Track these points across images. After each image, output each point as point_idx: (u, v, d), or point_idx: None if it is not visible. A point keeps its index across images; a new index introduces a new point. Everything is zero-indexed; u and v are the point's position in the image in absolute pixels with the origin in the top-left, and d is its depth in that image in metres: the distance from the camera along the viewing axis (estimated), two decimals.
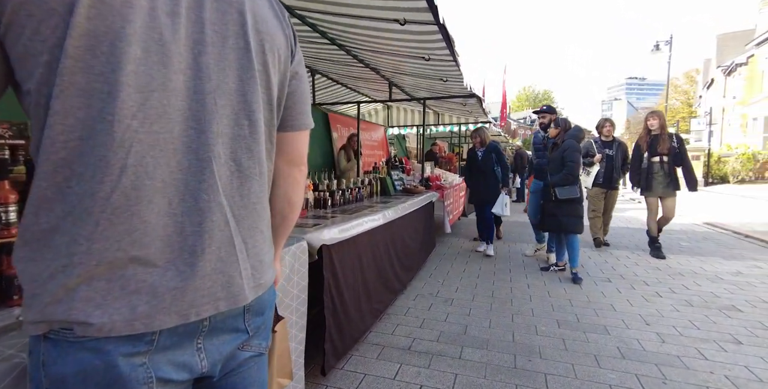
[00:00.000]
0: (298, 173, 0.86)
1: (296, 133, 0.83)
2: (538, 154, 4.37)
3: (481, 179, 4.68)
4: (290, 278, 1.50)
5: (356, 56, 3.66)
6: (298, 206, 0.90)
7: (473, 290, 3.45)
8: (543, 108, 4.22)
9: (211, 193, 0.61)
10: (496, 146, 4.67)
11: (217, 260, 0.62)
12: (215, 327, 0.65)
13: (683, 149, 4.45)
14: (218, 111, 0.63)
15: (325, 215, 2.46)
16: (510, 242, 5.50)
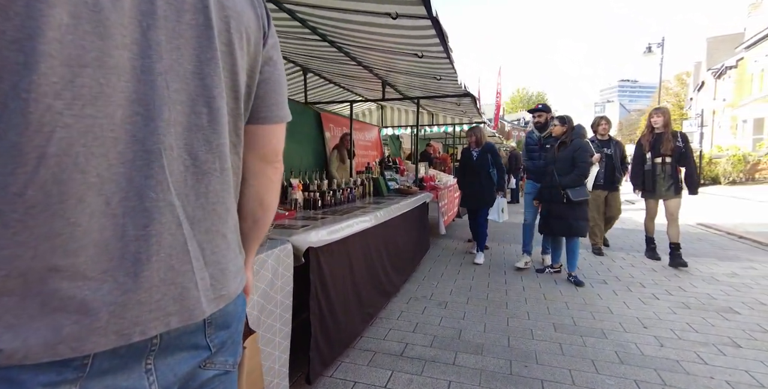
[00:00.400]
0: (271, 171, 0.77)
1: (269, 126, 0.74)
2: (532, 155, 4.14)
3: (475, 182, 4.40)
4: (273, 283, 1.41)
5: (348, 54, 3.58)
6: (272, 208, 0.81)
7: (468, 293, 3.38)
8: (539, 107, 4.05)
9: (160, 191, 0.52)
10: (492, 147, 4.40)
11: (167, 269, 0.53)
12: (169, 345, 0.56)
13: (689, 149, 4.16)
14: (171, 96, 0.54)
15: (314, 216, 2.37)
16: (505, 243, 5.45)
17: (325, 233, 1.87)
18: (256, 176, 0.76)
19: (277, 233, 1.68)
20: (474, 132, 4.44)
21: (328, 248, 1.92)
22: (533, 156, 4.12)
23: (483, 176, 4.33)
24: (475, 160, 4.37)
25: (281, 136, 0.78)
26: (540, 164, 3.95)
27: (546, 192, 3.71)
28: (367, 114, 7.91)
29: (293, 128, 4.84)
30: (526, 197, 4.16)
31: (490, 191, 4.37)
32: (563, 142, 3.61)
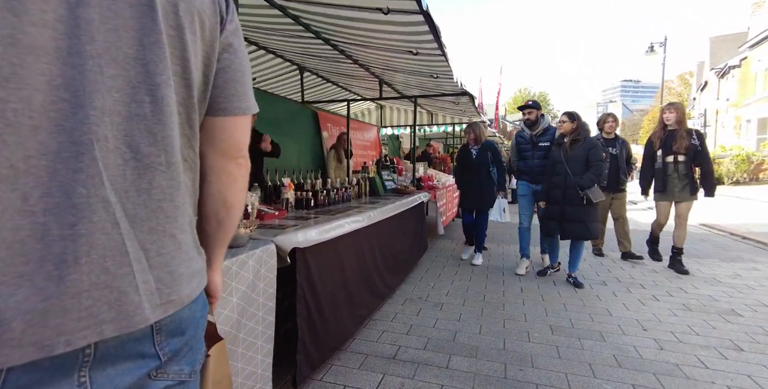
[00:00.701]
0: (234, 167, 0.72)
1: (230, 118, 0.70)
2: (524, 155, 3.91)
3: (474, 180, 4.17)
4: (255, 285, 1.37)
5: (344, 51, 3.54)
6: (237, 208, 0.76)
7: (464, 294, 3.32)
8: (529, 103, 3.84)
9: (91, 186, 0.47)
10: (492, 144, 4.16)
11: (100, 272, 0.48)
12: (108, 355, 0.51)
13: (705, 148, 3.81)
14: (106, 82, 0.49)
15: (305, 216, 2.32)
16: (504, 244, 5.38)
17: (313, 233, 1.82)
18: (217, 172, 0.72)
19: (262, 233, 1.63)
20: (473, 129, 4.20)
21: (316, 249, 1.87)
22: (526, 156, 3.91)
23: (483, 175, 4.13)
24: (474, 158, 4.16)
25: (245, 129, 0.73)
26: (534, 163, 3.80)
27: (557, 194, 3.44)
28: (366, 114, 7.87)
29: (290, 127, 4.80)
30: (520, 200, 3.97)
31: (490, 190, 4.16)
32: (576, 140, 3.38)
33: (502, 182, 4.16)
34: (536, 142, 3.79)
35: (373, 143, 7.51)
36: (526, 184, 3.92)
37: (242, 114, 0.71)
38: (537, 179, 3.80)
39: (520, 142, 3.94)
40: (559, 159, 3.44)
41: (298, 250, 1.70)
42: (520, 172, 3.98)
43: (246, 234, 1.37)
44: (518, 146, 3.95)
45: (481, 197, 4.17)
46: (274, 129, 4.44)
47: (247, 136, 0.75)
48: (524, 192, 3.95)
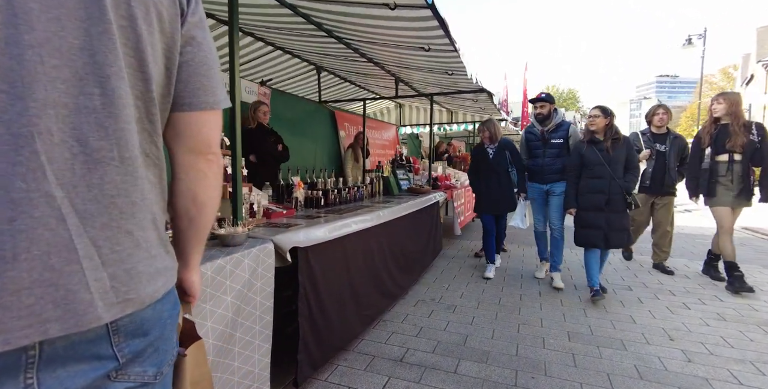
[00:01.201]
0: (204, 163, 0.70)
1: (196, 113, 0.68)
2: (535, 152, 3.55)
3: (493, 183, 3.78)
4: (252, 284, 1.36)
5: (357, 50, 3.52)
6: (210, 206, 0.74)
7: (479, 297, 3.23)
8: (541, 96, 3.45)
9: (32, 180, 0.46)
10: (510, 143, 3.81)
11: (43, 268, 0.47)
12: (57, 356, 0.50)
13: (766, 144, 3.21)
14: (48, 73, 0.47)
15: (313, 215, 2.31)
16: (524, 246, 5.22)
17: (316, 232, 1.81)
18: (186, 169, 0.70)
19: (263, 232, 1.63)
20: (486, 127, 3.83)
21: (319, 248, 1.85)
22: (536, 153, 3.54)
23: (502, 176, 3.77)
24: (492, 158, 3.80)
25: (214, 125, 0.71)
26: (545, 162, 3.47)
27: (598, 200, 2.99)
28: (385, 113, 7.84)
29: (306, 126, 4.83)
30: (532, 204, 3.68)
31: (511, 193, 3.79)
32: (616, 139, 3.01)
33: (523, 183, 3.75)
34: (548, 138, 3.45)
35: (392, 142, 7.47)
36: (537, 185, 3.61)
37: (209, 109, 0.69)
38: (547, 179, 3.51)
39: (530, 138, 3.60)
40: (597, 161, 3.01)
41: (300, 249, 1.69)
42: (529, 171, 3.66)
43: (243, 233, 1.37)
44: (528, 143, 3.61)
45: (503, 201, 3.83)
46: (290, 129, 4.49)
47: (217, 132, 0.73)
48: (534, 195, 3.64)
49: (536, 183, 3.61)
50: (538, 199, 3.63)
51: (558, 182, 3.47)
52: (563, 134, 3.44)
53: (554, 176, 3.49)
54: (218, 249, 1.31)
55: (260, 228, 1.76)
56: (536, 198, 3.64)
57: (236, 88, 1.62)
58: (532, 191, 3.65)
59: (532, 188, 3.65)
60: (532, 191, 3.65)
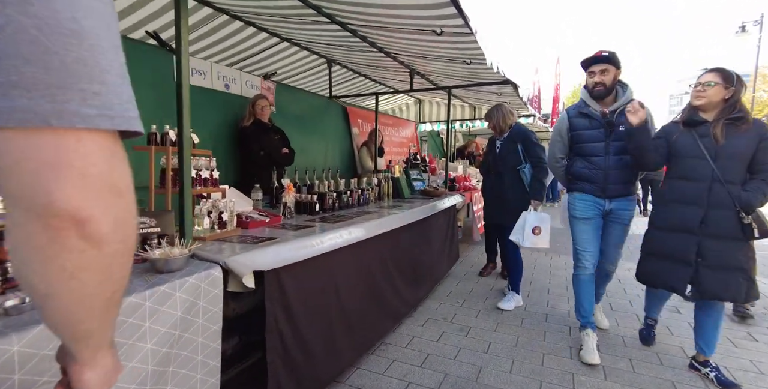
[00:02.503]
0: (41, 234, 0.33)
1: None
2: (587, 148, 2.30)
3: (495, 184, 3.06)
4: (188, 324, 1.06)
5: (365, 38, 3.18)
6: (61, 299, 0.39)
7: (498, 317, 2.84)
8: (603, 55, 2.18)
9: None
10: (524, 132, 2.95)
11: None
12: None
13: None
14: None
15: (302, 224, 2.01)
16: (553, 254, 4.74)
17: (291, 249, 1.49)
18: (15, 238, 0.36)
19: (218, 251, 1.33)
20: (491, 115, 3.03)
21: (296, 268, 1.54)
22: (591, 149, 2.27)
23: (507, 176, 2.95)
24: (498, 153, 3.04)
25: (52, 160, 0.34)
26: (610, 163, 2.22)
27: (690, 214, 1.95)
28: (404, 109, 7.47)
29: (316, 123, 4.55)
30: (578, 226, 2.37)
31: (517, 198, 2.89)
32: (738, 118, 1.86)
33: (538, 186, 2.82)
34: (616, 123, 2.19)
35: (410, 140, 7.10)
36: (592, 199, 2.30)
37: (36, 126, 0.33)
38: (610, 192, 2.25)
39: (577, 125, 2.31)
40: (693, 152, 1.95)
41: (269, 272, 1.38)
42: (576, 178, 2.36)
43: (182, 256, 1.07)
44: (575, 132, 2.32)
45: (503, 208, 2.95)
46: (298, 126, 4.22)
47: (54, 175, 0.36)
48: (586, 213, 2.31)
49: (590, 196, 2.31)
50: (593, 221, 2.32)
51: (626, 198, 2.29)
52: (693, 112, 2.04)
53: (620, 188, 2.25)
54: (145, 278, 1.01)
55: (226, 244, 1.47)
56: (590, 219, 2.32)
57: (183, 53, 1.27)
58: (581, 207, 2.33)
59: (583, 203, 2.32)
60: (581, 207, 2.33)
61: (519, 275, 3.04)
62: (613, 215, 2.34)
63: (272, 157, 3.16)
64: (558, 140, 2.43)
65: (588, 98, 2.29)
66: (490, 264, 3.86)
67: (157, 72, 2.68)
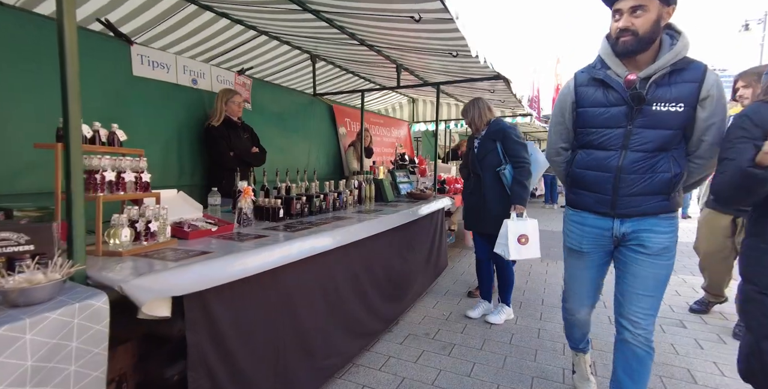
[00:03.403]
0: None
1: None
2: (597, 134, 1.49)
3: (475, 188, 2.69)
4: (52, 373, 0.81)
5: (343, 29, 2.94)
6: None
7: (486, 332, 2.59)
8: None
9: None
10: (502, 129, 2.54)
11: None
12: None
13: None
14: None
15: (256, 234, 1.76)
16: (549, 260, 4.48)
17: (221, 266, 1.25)
18: None
19: (119, 271, 1.08)
20: (466, 111, 2.69)
21: (231, 289, 1.30)
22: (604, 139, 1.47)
23: (487, 179, 2.58)
24: (476, 153, 2.67)
25: None
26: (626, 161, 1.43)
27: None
28: (397, 109, 7.24)
29: (298, 122, 4.31)
30: (568, 259, 1.74)
31: (497, 203, 2.56)
32: None
33: (519, 189, 2.47)
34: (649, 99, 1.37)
35: (403, 140, 6.86)
36: (593, 221, 1.56)
37: None
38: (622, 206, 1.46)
39: (587, 98, 1.50)
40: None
41: (190, 297, 1.14)
42: (574, 184, 1.61)
43: (48, 284, 0.83)
44: (581, 110, 1.53)
45: (483, 214, 2.62)
46: (277, 125, 3.98)
47: None
48: (582, 243, 1.61)
49: (590, 215, 1.56)
50: (586, 256, 1.62)
51: (657, 217, 1.45)
52: (690, 90, 1.34)
53: (642, 204, 1.44)
54: None
55: (144, 261, 1.22)
56: (583, 254, 1.62)
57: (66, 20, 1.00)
58: (576, 233, 1.62)
59: (577, 228, 1.61)
60: (576, 233, 1.62)
61: (510, 286, 2.78)
62: (633, 242, 1.46)
63: (241, 157, 2.92)
64: (560, 121, 1.62)
65: (609, 54, 1.41)
66: None
67: (109, 63, 2.45)
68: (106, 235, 1.27)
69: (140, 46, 2.64)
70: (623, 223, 1.49)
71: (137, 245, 1.34)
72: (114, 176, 1.33)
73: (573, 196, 1.64)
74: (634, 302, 1.48)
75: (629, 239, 1.49)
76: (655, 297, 1.47)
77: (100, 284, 0.99)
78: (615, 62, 1.43)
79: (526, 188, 2.49)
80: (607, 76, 1.44)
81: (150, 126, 2.69)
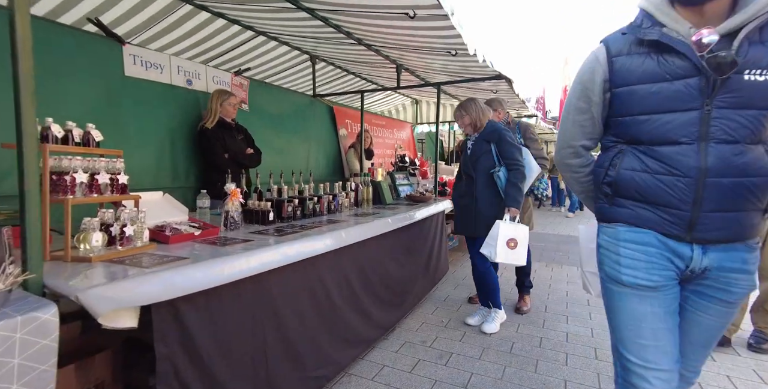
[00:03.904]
0: None
1: None
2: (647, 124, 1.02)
3: (466, 191, 2.59)
4: None
5: (339, 28, 2.88)
6: None
7: (485, 340, 2.49)
8: None
9: None
10: (497, 130, 2.47)
11: None
12: None
13: None
14: None
15: (241, 238, 1.70)
16: (554, 265, 4.36)
17: (196, 273, 1.18)
18: None
19: (82, 278, 1.01)
20: (467, 109, 2.55)
21: (206, 296, 1.23)
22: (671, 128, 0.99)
23: (480, 181, 2.49)
24: (470, 154, 2.58)
25: None
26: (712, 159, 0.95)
27: None
28: (401, 110, 7.16)
29: (297, 123, 4.26)
30: (624, 302, 1.08)
31: (489, 206, 2.48)
32: None
33: (513, 191, 2.38)
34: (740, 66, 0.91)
35: (406, 142, 6.79)
36: (660, 243, 1.04)
37: None
38: (708, 226, 0.98)
39: (633, 71, 1.03)
40: None
41: (159, 305, 1.07)
42: (623, 193, 1.08)
43: None
44: (623, 89, 1.06)
45: (476, 217, 2.50)
46: (275, 126, 3.93)
47: None
48: (647, 275, 1.04)
49: (655, 235, 1.05)
50: (653, 292, 1.05)
51: (746, 245, 1.03)
52: None
53: (734, 223, 0.99)
54: None
55: (116, 267, 1.16)
56: (650, 289, 1.05)
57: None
58: (638, 259, 1.06)
59: (640, 251, 1.06)
60: (638, 259, 1.06)
61: (496, 289, 2.64)
62: (714, 284, 1.05)
63: (236, 159, 2.87)
64: (582, 108, 1.15)
65: (662, 4, 1.01)
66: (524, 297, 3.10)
67: (100, 64, 2.41)
68: (76, 240, 1.21)
69: (133, 47, 2.60)
70: (705, 252, 1.01)
71: (111, 251, 1.28)
72: (87, 178, 1.27)
73: (625, 211, 1.09)
74: (694, 356, 1.12)
75: (708, 278, 1.04)
76: (712, 346, 1.13)
77: (58, 294, 0.93)
78: (672, 16, 0.98)
79: (521, 190, 2.42)
80: (665, 35, 0.98)
81: (143, 127, 2.65)
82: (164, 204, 1.80)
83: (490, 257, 2.34)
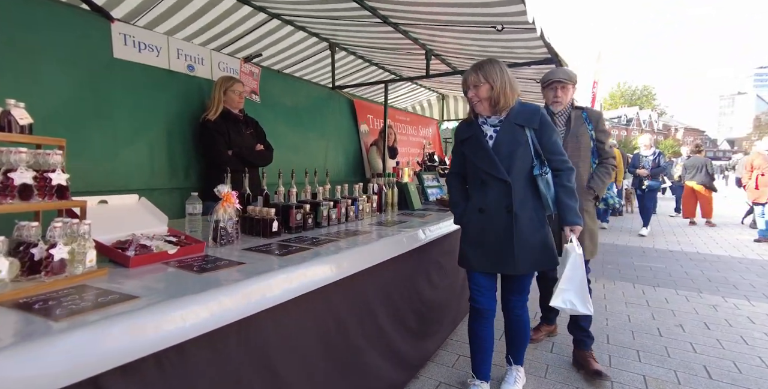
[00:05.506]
0: None
1: None
2: None
3: (491, 201, 1.66)
4: None
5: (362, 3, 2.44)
6: None
7: (540, 379, 1.99)
8: None
9: None
10: (537, 110, 1.65)
11: None
12: None
13: None
14: None
15: (225, 261, 1.28)
16: (605, 281, 3.78)
17: (131, 330, 0.76)
18: None
19: None
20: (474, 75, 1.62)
21: (166, 359, 0.80)
22: None
23: (518, 190, 1.63)
24: (492, 144, 1.66)
25: None
26: None
27: None
28: (426, 107, 6.68)
29: (314, 117, 3.85)
30: None
31: (536, 227, 1.65)
32: None
33: (572, 202, 1.66)
34: None
35: (432, 139, 6.31)
36: None
37: None
38: None
39: None
40: None
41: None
42: None
43: None
44: None
45: (516, 245, 1.62)
46: (290, 120, 3.53)
47: None
48: None
49: None
50: None
51: None
52: None
53: None
54: None
55: (9, 313, 0.75)
56: None
57: None
58: None
59: None
60: None
61: (527, 342, 1.96)
62: None
63: (243, 156, 2.47)
64: None
65: None
66: (544, 325, 2.53)
67: (83, 42, 2.05)
68: None
69: (123, 24, 2.24)
70: None
71: (30, 283, 0.88)
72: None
73: None
74: None
75: None
76: None
77: None
78: None
79: (576, 198, 1.68)
80: None
81: (135, 118, 2.29)
82: (138, 211, 1.41)
83: (577, 310, 1.61)
